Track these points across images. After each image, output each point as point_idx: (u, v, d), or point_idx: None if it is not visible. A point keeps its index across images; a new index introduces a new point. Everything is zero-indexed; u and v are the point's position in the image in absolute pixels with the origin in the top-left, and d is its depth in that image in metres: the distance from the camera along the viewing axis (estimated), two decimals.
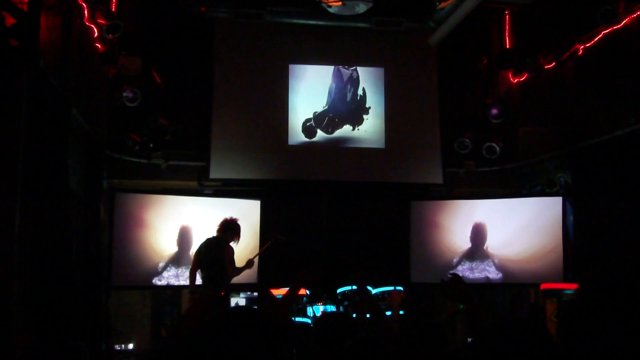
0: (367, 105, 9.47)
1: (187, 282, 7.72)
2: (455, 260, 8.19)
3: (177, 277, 7.74)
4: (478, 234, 8.20)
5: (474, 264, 8.09)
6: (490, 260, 8.05)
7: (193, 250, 7.77)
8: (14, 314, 4.61)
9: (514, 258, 7.91)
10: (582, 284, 1.36)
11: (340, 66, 9.49)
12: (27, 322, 4.75)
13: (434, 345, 3.23)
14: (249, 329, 1.50)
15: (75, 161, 6.40)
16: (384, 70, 9.59)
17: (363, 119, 9.43)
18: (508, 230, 8.07)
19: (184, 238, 7.77)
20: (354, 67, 9.51)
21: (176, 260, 7.72)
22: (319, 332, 3.01)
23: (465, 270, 8.06)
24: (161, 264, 7.64)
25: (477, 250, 8.17)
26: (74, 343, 3.29)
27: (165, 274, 7.70)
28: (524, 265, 7.82)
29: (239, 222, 6.65)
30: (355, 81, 9.50)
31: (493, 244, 8.12)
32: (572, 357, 1.21)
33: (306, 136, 9.26)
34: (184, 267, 7.71)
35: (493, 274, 8.01)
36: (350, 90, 9.47)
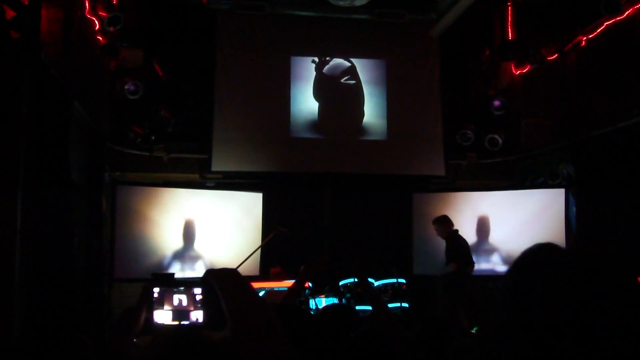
0: (364, 98, 9.46)
1: (190, 274, 7.76)
2: None
3: (182, 270, 7.73)
4: (482, 227, 8.21)
5: (479, 256, 8.09)
6: (496, 252, 8.07)
7: (197, 243, 7.78)
8: (17, 307, 4.62)
9: (517, 249, 7.89)
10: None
11: (338, 58, 9.47)
12: (29, 314, 4.76)
13: (437, 339, 3.23)
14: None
15: (77, 154, 6.38)
16: (386, 62, 9.56)
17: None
18: (511, 222, 8.07)
19: (188, 232, 7.77)
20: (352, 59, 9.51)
21: (181, 255, 7.71)
22: (323, 323, 3.00)
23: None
24: (166, 259, 7.63)
25: (482, 242, 8.18)
26: (77, 336, 3.30)
27: (170, 270, 7.68)
28: None
29: None
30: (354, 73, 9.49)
31: (497, 236, 8.13)
32: None
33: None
34: (188, 262, 7.72)
35: (499, 265, 8.02)
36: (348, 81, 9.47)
